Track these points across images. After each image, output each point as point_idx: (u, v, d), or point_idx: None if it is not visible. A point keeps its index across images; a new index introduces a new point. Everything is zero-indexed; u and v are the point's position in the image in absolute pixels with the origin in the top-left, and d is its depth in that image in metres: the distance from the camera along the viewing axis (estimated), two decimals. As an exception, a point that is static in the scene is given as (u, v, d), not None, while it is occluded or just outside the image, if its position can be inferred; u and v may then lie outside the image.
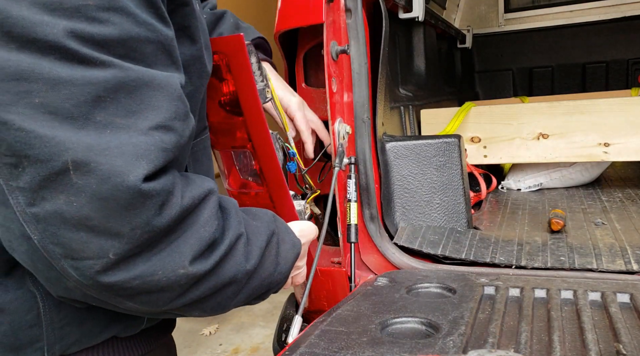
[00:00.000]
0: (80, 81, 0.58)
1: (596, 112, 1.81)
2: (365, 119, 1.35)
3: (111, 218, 0.60)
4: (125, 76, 0.61)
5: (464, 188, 1.45)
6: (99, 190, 0.59)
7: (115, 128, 0.60)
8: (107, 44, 0.61)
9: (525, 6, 3.22)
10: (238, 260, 0.75)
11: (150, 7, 0.65)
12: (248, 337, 3.20)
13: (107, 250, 0.61)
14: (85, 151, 0.58)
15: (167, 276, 0.66)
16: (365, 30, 1.35)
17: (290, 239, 0.90)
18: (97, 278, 0.62)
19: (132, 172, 0.60)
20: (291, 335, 0.98)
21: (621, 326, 0.88)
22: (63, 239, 0.60)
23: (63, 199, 0.59)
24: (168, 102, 0.65)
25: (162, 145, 0.63)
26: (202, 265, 0.69)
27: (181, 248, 0.67)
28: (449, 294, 1.09)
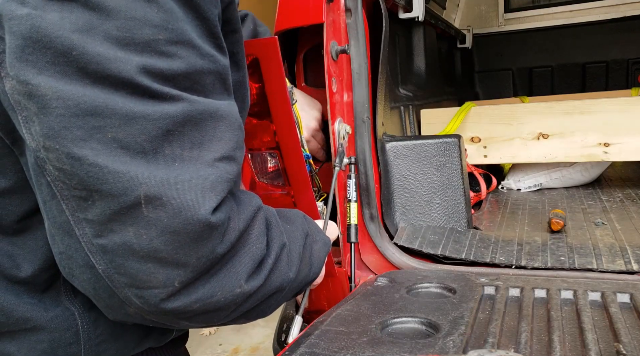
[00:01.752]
0: (152, 115, 0.59)
1: (596, 112, 1.80)
2: (365, 119, 1.35)
3: (180, 249, 0.61)
4: (193, 109, 0.62)
5: (464, 188, 1.45)
6: (170, 224, 0.60)
7: (183, 161, 0.61)
8: (175, 78, 0.62)
9: (525, 6, 3.22)
10: (283, 270, 0.77)
11: (211, 38, 0.67)
12: (248, 337, 3.20)
13: (173, 279, 0.62)
14: (158, 185, 0.59)
15: (225, 296, 0.68)
16: (365, 30, 1.35)
17: (321, 238, 0.93)
18: (161, 305, 0.64)
19: (202, 205, 0.61)
20: (291, 335, 0.98)
21: (621, 326, 0.88)
22: (130, 270, 0.61)
23: (132, 232, 0.59)
24: (230, 132, 0.67)
25: (226, 176, 0.65)
26: (256, 281, 0.71)
27: (237, 268, 0.69)
28: (449, 294, 1.09)
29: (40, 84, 0.56)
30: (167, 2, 0.61)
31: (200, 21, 0.65)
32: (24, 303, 0.71)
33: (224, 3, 0.71)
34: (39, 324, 0.72)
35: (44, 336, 0.72)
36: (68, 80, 0.57)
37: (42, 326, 0.72)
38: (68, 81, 0.57)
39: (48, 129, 0.57)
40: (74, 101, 0.57)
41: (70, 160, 0.58)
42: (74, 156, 0.57)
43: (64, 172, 0.59)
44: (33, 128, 0.58)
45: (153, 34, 0.60)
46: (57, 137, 0.57)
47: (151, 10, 0.60)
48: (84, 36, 0.57)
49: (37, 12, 0.56)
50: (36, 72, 0.56)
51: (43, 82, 0.56)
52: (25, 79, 0.57)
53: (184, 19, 0.62)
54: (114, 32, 0.58)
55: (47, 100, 0.57)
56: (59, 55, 0.56)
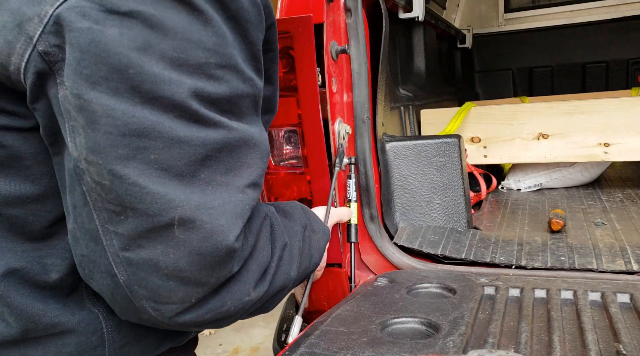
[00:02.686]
0: (195, 141, 0.60)
1: (596, 112, 1.80)
2: (365, 119, 1.35)
3: (203, 270, 0.62)
4: (232, 137, 0.63)
5: (464, 188, 1.45)
6: (199, 246, 0.61)
7: (216, 185, 0.62)
8: (220, 101, 0.62)
9: (525, 6, 3.22)
10: (285, 269, 0.79)
11: (253, 62, 0.67)
12: (248, 337, 3.20)
13: (191, 296, 0.64)
14: (193, 209, 0.60)
15: (235, 305, 0.69)
16: (365, 30, 1.35)
17: (320, 228, 0.94)
18: (175, 318, 0.65)
19: (232, 232, 0.62)
20: (291, 335, 0.98)
21: (621, 326, 0.88)
22: (151, 285, 0.62)
23: (160, 250, 0.60)
24: (260, 160, 0.68)
25: (252, 203, 0.67)
26: (262, 287, 0.73)
27: (246, 277, 0.70)
28: (449, 294, 1.09)
29: (92, 99, 0.57)
30: (221, 26, 0.61)
31: (246, 45, 0.65)
32: (52, 309, 0.71)
33: (266, 25, 0.72)
34: (67, 328, 0.72)
35: (71, 340, 0.73)
36: (120, 98, 0.57)
37: (70, 330, 0.72)
38: (120, 99, 0.57)
39: (93, 144, 0.58)
40: (123, 121, 0.57)
41: (111, 176, 0.58)
42: (115, 174, 0.58)
43: (101, 186, 0.59)
44: (78, 139, 0.59)
45: (206, 57, 0.60)
46: (101, 153, 0.58)
47: (206, 33, 0.60)
48: (141, 54, 0.57)
49: (98, 27, 0.56)
50: (89, 86, 0.57)
51: (95, 98, 0.57)
52: (79, 93, 0.57)
53: (232, 44, 0.63)
54: (170, 52, 0.58)
55: (97, 116, 0.57)
56: (114, 71, 0.56)
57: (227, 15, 0.62)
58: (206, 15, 0.60)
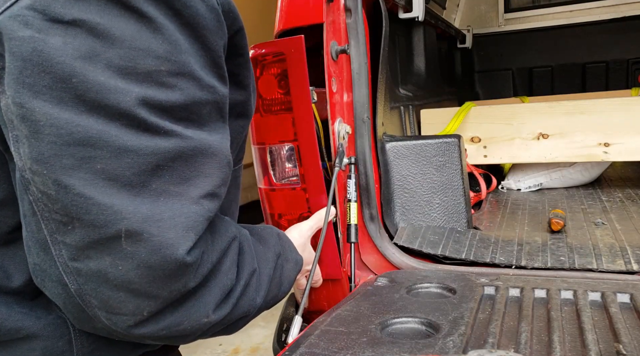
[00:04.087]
0: (144, 150, 0.59)
1: (596, 112, 1.80)
2: (365, 119, 1.35)
3: (153, 283, 0.61)
4: (186, 146, 0.62)
5: (464, 188, 1.45)
6: (147, 259, 0.60)
7: (169, 196, 0.61)
8: (173, 109, 0.61)
9: (525, 6, 3.22)
10: (251, 296, 0.78)
11: (214, 68, 0.66)
12: (248, 337, 3.20)
13: (142, 309, 0.63)
14: (140, 221, 0.58)
15: (192, 325, 0.68)
16: (365, 30, 1.35)
17: (293, 257, 0.93)
18: (128, 330, 0.64)
19: (181, 245, 0.61)
20: (291, 335, 0.98)
21: (621, 326, 0.88)
22: (102, 296, 0.61)
23: (109, 262, 0.59)
24: (218, 169, 0.67)
25: (208, 214, 0.65)
26: (223, 311, 0.72)
27: (206, 298, 0.69)
28: (449, 294, 1.09)
29: (34, 109, 0.56)
30: (174, 33, 0.60)
31: (205, 52, 0.64)
32: (15, 313, 0.70)
33: (232, 30, 0.71)
34: (32, 333, 0.71)
35: (37, 345, 0.72)
36: (64, 107, 0.56)
37: (35, 334, 0.72)
38: (64, 108, 0.56)
39: (37, 154, 0.57)
40: (67, 130, 0.56)
41: (56, 187, 0.57)
42: (60, 184, 0.57)
43: (47, 197, 0.58)
44: (22, 149, 0.58)
45: (156, 65, 0.59)
46: (45, 163, 0.56)
47: (156, 41, 0.59)
48: (85, 63, 0.56)
49: (40, 36, 0.55)
50: (32, 95, 0.55)
51: (38, 107, 0.56)
52: (21, 102, 0.56)
53: (188, 51, 0.62)
54: (117, 61, 0.57)
55: (40, 126, 0.56)
56: (57, 81, 0.55)
57: (181, 22, 0.61)
58: (156, 23, 0.59)
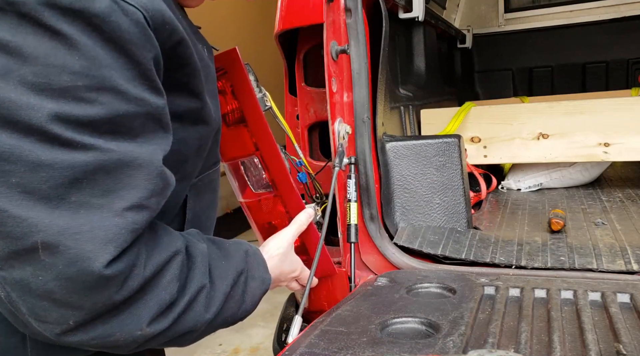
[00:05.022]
0: (60, 164, 0.59)
1: (596, 112, 1.80)
2: (365, 119, 1.35)
3: (74, 294, 0.62)
4: (106, 159, 0.62)
5: (464, 188, 1.45)
6: (64, 271, 0.60)
7: (90, 208, 0.61)
8: (93, 124, 0.61)
9: (525, 6, 3.22)
10: (198, 312, 0.76)
11: (143, 80, 0.66)
12: (248, 337, 3.20)
13: (67, 318, 0.63)
14: (55, 234, 0.59)
15: (125, 337, 0.68)
16: (365, 30, 1.35)
17: (260, 275, 0.91)
18: (58, 338, 0.65)
19: (98, 258, 0.61)
20: (291, 335, 0.98)
21: (621, 326, 0.88)
22: (28, 304, 0.62)
23: (30, 272, 0.60)
24: (146, 181, 0.65)
25: (132, 226, 0.64)
26: (160, 325, 0.71)
27: (140, 312, 0.68)
28: (449, 294, 1.09)
29: None
30: (93, 49, 0.60)
31: (132, 65, 0.64)
32: None
33: (171, 42, 0.70)
34: None
35: None
36: None
37: None
38: None
39: None
40: None
41: None
42: None
43: None
44: None
45: (72, 80, 0.59)
46: None
47: (71, 57, 0.59)
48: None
49: None
50: None
51: None
52: None
53: (111, 65, 0.62)
54: (30, 77, 0.58)
55: None
56: None
57: (101, 37, 0.61)
58: (71, 40, 0.59)
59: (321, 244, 1.10)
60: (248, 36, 5.80)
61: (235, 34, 5.64)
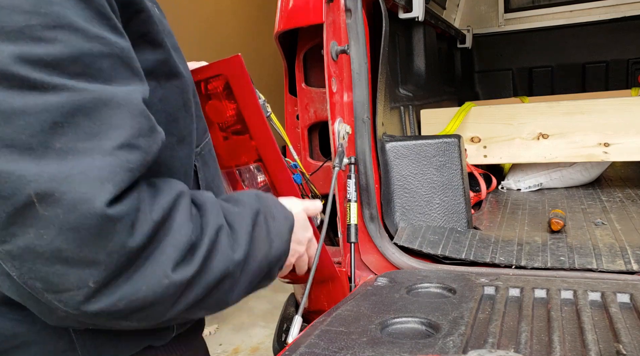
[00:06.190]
0: (34, 108, 0.56)
1: (596, 112, 1.81)
2: (365, 119, 1.35)
3: (84, 247, 0.58)
4: (81, 98, 0.59)
5: (464, 188, 1.45)
6: (66, 220, 0.57)
7: (77, 153, 0.58)
8: (59, 64, 0.58)
9: (525, 6, 3.22)
10: (225, 253, 0.72)
11: (101, 19, 0.63)
12: (248, 337, 3.20)
13: (86, 280, 0.59)
14: (47, 181, 0.56)
15: (153, 290, 0.64)
16: (365, 30, 1.35)
17: (281, 213, 0.87)
18: (82, 307, 0.61)
19: (97, 197, 0.57)
20: (291, 335, 0.98)
21: (621, 326, 0.88)
22: (41, 274, 0.59)
23: (33, 234, 0.57)
24: (130, 119, 0.62)
25: (127, 165, 0.61)
26: (186, 270, 0.67)
27: (159, 259, 0.64)
28: (449, 294, 1.09)
29: None
30: None
31: (85, 4, 0.61)
32: (9, 320, 0.69)
33: None
34: (28, 339, 0.70)
35: (36, 349, 0.71)
36: None
37: (32, 340, 0.71)
38: None
39: None
40: None
41: None
42: None
43: None
44: None
45: (25, 20, 0.56)
46: None
47: None
48: None
49: None
50: None
51: None
52: None
53: (61, 3, 0.59)
54: None
55: None
56: None
57: None
58: None
59: (321, 244, 1.10)
60: (248, 36, 5.81)
61: (235, 34, 5.64)
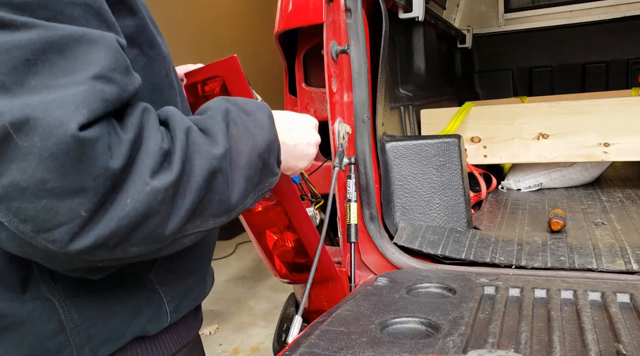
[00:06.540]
0: (4, 46, 0.56)
1: (596, 112, 1.81)
2: (365, 119, 1.35)
3: (67, 174, 0.57)
4: (52, 35, 0.58)
5: (464, 188, 1.45)
6: (45, 147, 0.56)
7: (53, 89, 0.57)
8: (28, 6, 0.58)
9: (525, 6, 3.22)
10: (202, 151, 0.70)
11: None
12: (248, 337, 3.20)
13: (77, 209, 0.58)
14: (21, 109, 0.55)
15: (137, 200, 0.62)
16: (365, 30, 1.35)
17: (253, 106, 0.85)
18: (79, 242, 0.59)
19: (72, 121, 0.56)
20: (291, 335, 0.98)
21: (621, 326, 0.88)
22: (29, 213, 0.57)
23: (15, 169, 0.56)
24: (105, 54, 0.61)
25: (102, 95, 0.60)
26: (166, 176, 0.65)
27: (136, 171, 0.63)
28: (449, 294, 1.09)
29: None
30: None
31: None
32: None
33: None
34: (18, 319, 0.70)
35: (27, 331, 0.71)
36: None
37: (22, 321, 0.71)
38: None
39: None
40: None
41: None
42: None
43: None
44: None
45: None
46: None
47: None
48: None
49: None
50: None
51: None
52: None
53: None
54: None
55: None
56: None
57: None
58: None
59: (321, 244, 1.10)
60: (248, 36, 5.81)
61: (235, 34, 5.64)
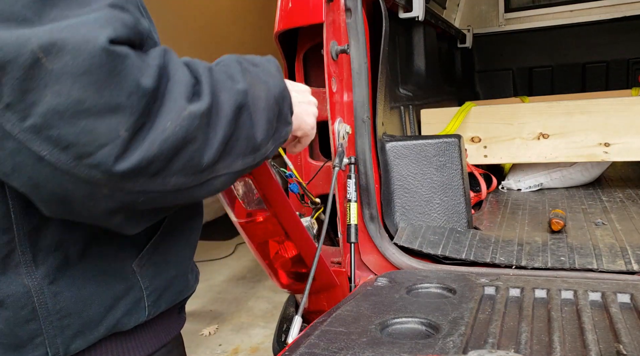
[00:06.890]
0: None
1: (596, 112, 1.81)
2: (365, 119, 1.35)
3: (102, 90, 0.58)
4: None
5: (464, 188, 1.45)
6: (77, 64, 0.56)
7: (73, 17, 0.58)
8: None
9: (526, 6, 3.22)
10: (226, 86, 0.73)
11: None
12: (248, 337, 3.20)
13: (116, 128, 0.59)
14: (48, 34, 0.56)
15: (178, 123, 0.63)
16: (365, 30, 1.35)
17: (259, 58, 0.88)
18: (120, 165, 0.60)
19: (100, 35, 0.57)
20: (291, 335, 0.98)
21: (621, 326, 0.88)
22: (69, 138, 0.57)
23: (50, 94, 0.56)
24: None
25: (122, 20, 0.61)
26: (200, 103, 0.67)
27: (172, 96, 0.65)
28: (449, 294, 1.09)
29: None
30: None
31: None
32: None
33: None
34: None
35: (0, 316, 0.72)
36: None
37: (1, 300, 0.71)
38: None
39: None
40: None
41: None
42: None
43: None
44: None
45: None
46: None
47: None
48: None
49: None
50: None
51: None
52: None
53: None
54: None
55: None
56: None
57: None
58: None
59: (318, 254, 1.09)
60: (248, 36, 5.81)
61: (236, 34, 5.64)
